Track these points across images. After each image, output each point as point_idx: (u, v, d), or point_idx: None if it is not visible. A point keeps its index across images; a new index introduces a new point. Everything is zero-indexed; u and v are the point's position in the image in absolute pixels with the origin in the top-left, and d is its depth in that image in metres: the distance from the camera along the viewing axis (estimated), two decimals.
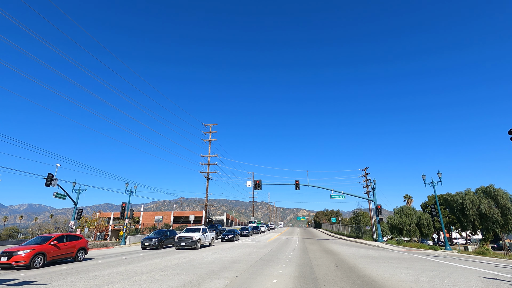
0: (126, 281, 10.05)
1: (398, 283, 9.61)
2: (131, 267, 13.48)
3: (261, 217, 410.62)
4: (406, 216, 47.70)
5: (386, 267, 13.18)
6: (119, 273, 11.92)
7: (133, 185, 39.39)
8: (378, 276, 10.84)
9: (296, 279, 10.31)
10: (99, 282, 9.92)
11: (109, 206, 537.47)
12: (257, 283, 9.63)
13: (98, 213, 70.07)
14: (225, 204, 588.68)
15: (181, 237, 23.76)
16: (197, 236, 23.82)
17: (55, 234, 16.80)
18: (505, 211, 37.11)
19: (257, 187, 34.96)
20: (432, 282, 9.65)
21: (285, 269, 12.47)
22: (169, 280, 10.25)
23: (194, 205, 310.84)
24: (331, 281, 9.96)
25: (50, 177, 27.86)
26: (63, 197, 31.22)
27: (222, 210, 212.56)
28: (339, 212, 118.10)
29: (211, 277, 10.66)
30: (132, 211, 42.83)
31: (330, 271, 11.98)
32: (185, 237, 23.62)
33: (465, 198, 39.96)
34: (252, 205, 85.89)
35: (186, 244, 23.13)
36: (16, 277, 11.33)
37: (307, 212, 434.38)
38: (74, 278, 10.78)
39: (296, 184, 35.34)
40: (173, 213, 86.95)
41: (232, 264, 14.07)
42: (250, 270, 12.35)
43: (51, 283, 9.85)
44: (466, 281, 9.90)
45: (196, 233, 24.31)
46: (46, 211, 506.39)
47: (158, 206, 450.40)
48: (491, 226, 37.87)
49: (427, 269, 12.81)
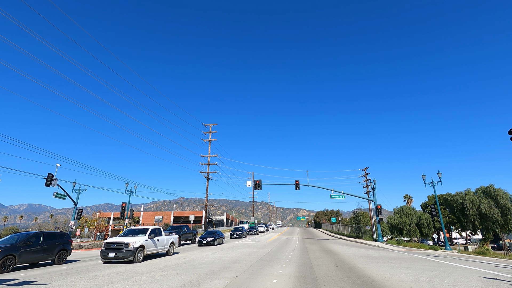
0: (126, 281, 10.05)
1: (398, 283, 9.61)
2: (131, 267, 13.48)
3: (261, 217, 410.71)
4: (406, 216, 47.67)
5: (386, 267, 13.18)
6: (119, 273, 11.92)
7: (133, 185, 39.42)
8: (378, 276, 10.84)
9: (296, 279, 10.31)
10: (99, 282, 9.92)
11: (109, 206, 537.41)
12: (257, 283, 9.63)
13: (98, 213, 70.04)
14: (225, 204, 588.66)
15: (109, 244, 15.27)
16: (138, 243, 15.42)
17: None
18: (505, 211, 37.09)
19: (257, 187, 34.96)
20: (432, 282, 9.65)
21: (285, 269, 12.47)
22: (169, 280, 10.25)
23: (194, 205, 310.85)
24: (331, 281, 9.96)
25: (50, 177, 27.86)
26: (63, 197, 31.23)
27: (222, 210, 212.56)
28: (339, 212, 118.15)
29: (211, 277, 10.66)
30: (132, 211, 42.85)
31: (330, 271, 11.98)
32: (116, 244, 15.12)
33: (465, 198, 39.94)
34: (252, 205, 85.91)
35: (116, 256, 14.74)
36: (16, 277, 11.33)
37: (307, 212, 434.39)
38: (74, 278, 10.78)
39: (296, 184, 35.34)
40: (173, 213, 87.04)
41: (232, 264, 14.07)
42: (250, 270, 12.35)
43: (51, 283, 9.85)
44: (466, 281, 9.90)
45: (137, 237, 16.06)
46: (46, 211, 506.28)
47: (158, 206, 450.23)
48: (491, 226, 37.84)
49: (427, 269, 12.81)
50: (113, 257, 14.86)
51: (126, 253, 14.84)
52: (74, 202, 32.66)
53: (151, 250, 16.91)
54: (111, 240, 15.73)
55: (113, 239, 15.80)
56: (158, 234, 17.89)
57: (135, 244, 15.26)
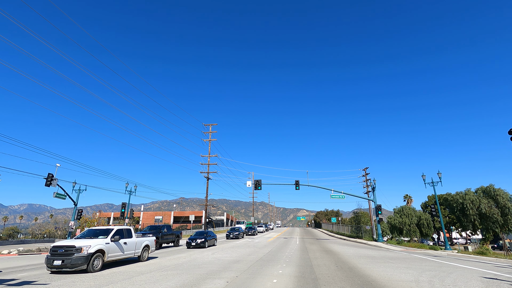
0: (126, 281, 10.05)
1: (398, 283, 9.61)
2: (131, 267, 13.48)
3: (261, 217, 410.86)
4: (406, 216, 47.69)
5: (386, 267, 13.18)
6: (119, 273, 11.92)
7: (133, 185, 39.45)
8: (378, 276, 10.84)
9: (296, 279, 10.31)
10: (99, 282, 9.92)
11: (109, 206, 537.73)
12: (257, 283, 9.63)
13: (98, 213, 70.04)
14: (225, 204, 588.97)
15: (56, 249, 12.10)
16: (94, 247, 12.32)
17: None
18: (505, 211, 37.11)
19: (257, 187, 34.97)
20: (432, 282, 9.65)
21: (285, 269, 12.48)
22: (169, 280, 10.25)
23: (194, 205, 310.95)
24: (331, 281, 9.96)
25: (50, 177, 27.87)
26: (63, 197, 31.24)
27: (222, 210, 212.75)
28: (339, 212, 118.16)
29: (211, 277, 10.66)
30: (132, 211, 42.89)
31: (330, 271, 11.98)
32: (65, 249, 11.98)
33: (465, 198, 39.96)
34: (252, 205, 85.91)
35: (64, 264, 11.58)
36: (16, 277, 11.32)
37: (307, 212, 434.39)
38: (74, 278, 10.77)
39: (296, 184, 35.35)
40: (173, 213, 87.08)
41: (232, 264, 14.07)
42: (250, 270, 12.35)
43: (51, 283, 9.85)
44: (466, 281, 9.90)
45: (95, 240, 12.95)
46: (46, 211, 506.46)
47: (158, 206, 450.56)
48: (491, 226, 37.87)
49: (427, 269, 12.81)
50: (59, 266, 11.62)
51: (76, 260, 11.64)
52: (74, 202, 32.67)
53: (115, 255, 13.76)
54: (59, 243, 12.36)
55: (61, 243, 12.47)
56: (126, 236, 14.90)
57: (90, 249, 12.06)
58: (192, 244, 24.62)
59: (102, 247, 12.85)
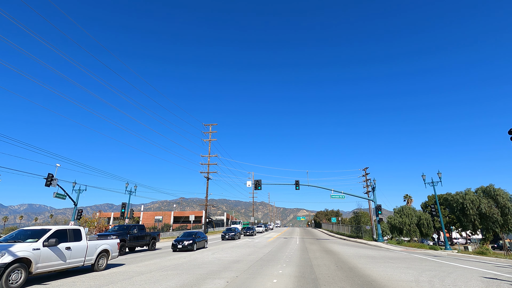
0: (126, 281, 10.05)
1: (398, 283, 9.61)
2: (131, 267, 13.48)
3: (261, 217, 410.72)
4: (406, 216, 47.69)
5: (386, 267, 13.18)
6: (119, 273, 11.92)
7: (133, 185, 39.46)
8: (378, 276, 10.84)
9: (296, 279, 10.31)
10: (99, 282, 9.92)
11: (109, 206, 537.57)
12: (257, 283, 9.63)
13: (98, 213, 70.00)
14: (225, 204, 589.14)
15: None
16: (15, 254, 8.85)
17: None
18: (505, 211, 37.10)
19: (257, 187, 34.96)
20: (432, 282, 9.65)
21: (285, 269, 12.47)
22: (169, 280, 10.25)
23: (194, 205, 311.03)
24: (331, 281, 9.96)
25: (50, 177, 27.87)
26: (63, 197, 31.25)
27: (222, 210, 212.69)
28: (339, 212, 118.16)
29: (211, 277, 10.66)
30: (132, 211, 42.90)
31: (330, 271, 11.98)
32: None
33: (465, 198, 39.94)
34: (252, 205, 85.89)
35: None
36: None
37: (307, 212, 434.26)
38: (74, 278, 10.77)
39: (296, 184, 35.34)
40: (173, 213, 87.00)
41: (232, 264, 14.07)
42: (250, 270, 12.35)
43: (51, 283, 9.85)
44: (466, 281, 9.90)
45: (20, 245, 9.47)
46: (46, 211, 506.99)
47: (158, 206, 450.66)
48: (491, 226, 37.85)
49: (427, 269, 12.81)
50: None
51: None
52: (74, 202, 32.68)
53: (51, 265, 10.09)
54: None
55: None
56: (70, 239, 11.15)
57: (5, 259, 8.54)
58: (179, 246, 21.71)
59: (28, 254, 9.22)
